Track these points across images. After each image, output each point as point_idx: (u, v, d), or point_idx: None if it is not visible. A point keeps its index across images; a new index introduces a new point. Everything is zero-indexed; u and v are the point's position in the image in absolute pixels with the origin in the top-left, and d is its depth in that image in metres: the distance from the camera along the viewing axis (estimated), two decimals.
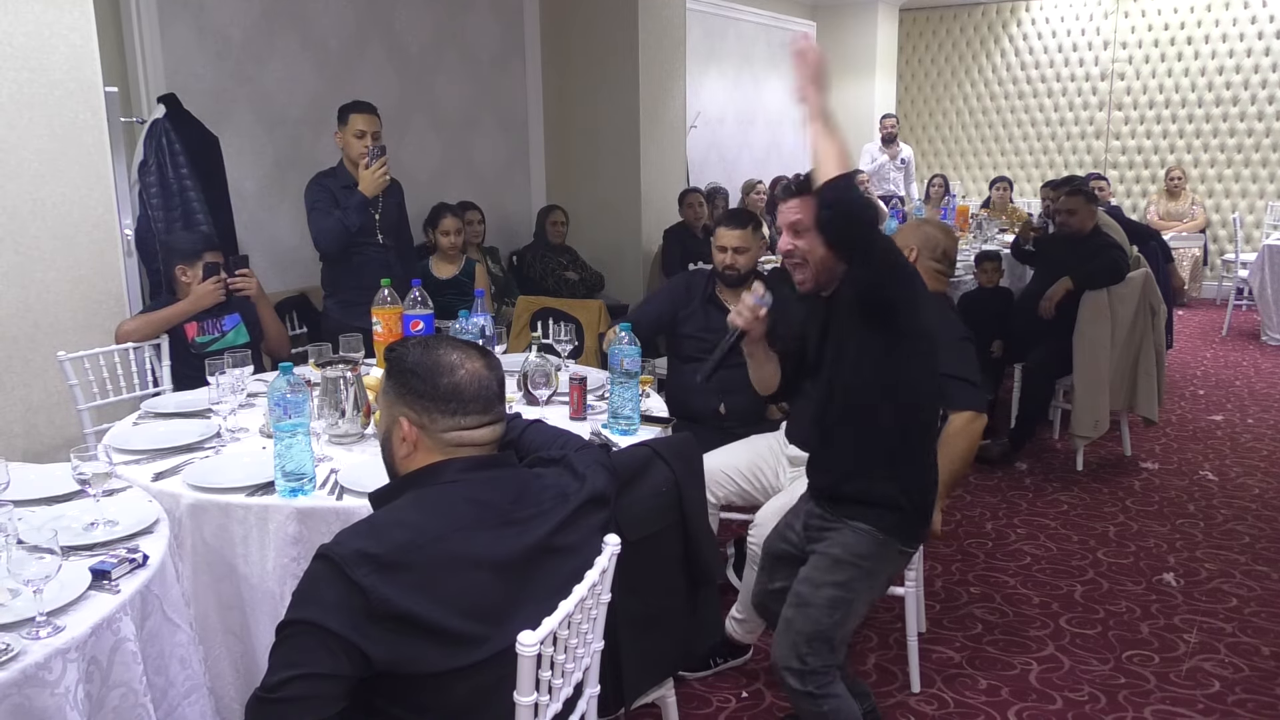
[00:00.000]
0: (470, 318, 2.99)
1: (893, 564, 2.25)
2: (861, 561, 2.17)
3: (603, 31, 5.97)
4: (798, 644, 2.16)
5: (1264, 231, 8.40)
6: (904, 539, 2.22)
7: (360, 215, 3.56)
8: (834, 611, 2.17)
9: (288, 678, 1.39)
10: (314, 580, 1.44)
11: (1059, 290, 4.39)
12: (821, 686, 2.17)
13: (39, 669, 1.43)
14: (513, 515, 1.57)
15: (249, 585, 2.06)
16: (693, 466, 2.07)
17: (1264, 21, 8.49)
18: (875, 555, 2.18)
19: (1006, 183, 8.04)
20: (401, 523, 1.49)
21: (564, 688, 1.61)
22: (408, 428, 1.58)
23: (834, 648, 2.18)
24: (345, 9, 5.00)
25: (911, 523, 2.21)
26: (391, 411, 1.61)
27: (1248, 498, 4.21)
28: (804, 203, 2.12)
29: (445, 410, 1.57)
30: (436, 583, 1.45)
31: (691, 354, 3.34)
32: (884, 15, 9.39)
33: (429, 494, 1.55)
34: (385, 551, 1.43)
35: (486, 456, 1.61)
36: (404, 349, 1.63)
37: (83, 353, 3.08)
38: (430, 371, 1.58)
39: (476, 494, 1.55)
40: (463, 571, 1.48)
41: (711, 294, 3.39)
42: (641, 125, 5.98)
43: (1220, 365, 6.58)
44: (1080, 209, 4.59)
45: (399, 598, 1.41)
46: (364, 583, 1.39)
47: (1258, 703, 2.72)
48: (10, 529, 1.64)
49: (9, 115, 3.00)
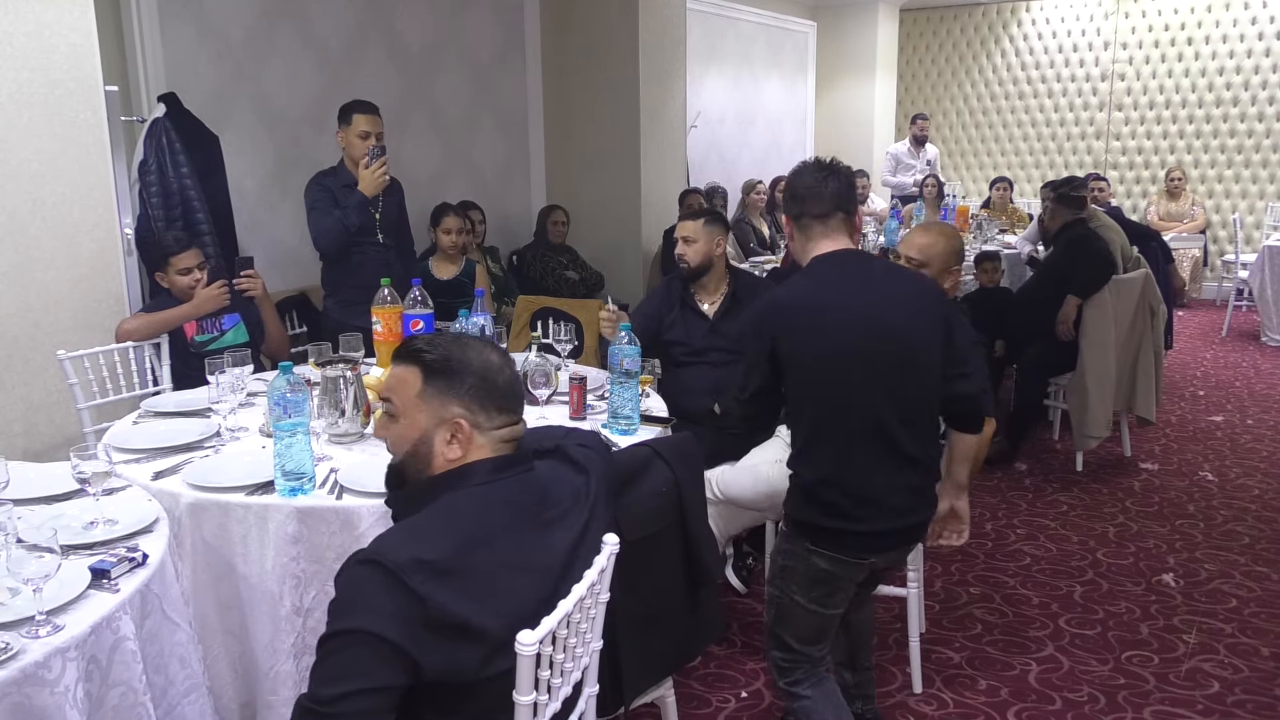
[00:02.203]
0: (470, 317, 2.99)
1: (806, 563, 2.11)
2: (779, 558, 2.20)
3: (603, 31, 5.97)
4: (768, 640, 2.24)
5: (1264, 232, 8.40)
6: (811, 539, 2.11)
7: (360, 215, 3.56)
8: (770, 608, 2.22)
9: (346, 692, 1.34)
10: (362, 587, 1.38)
11: (1070, 310, 4.35)
12: (791, 684, 2.19)
13: (38, 668, 1.43)
14: (543, 516, 1.57)
15: (248, 585, 2.06)
16: (693, 466, 2.07)
17: (1264, 22, 8.49)
18: (788, 551, 2.17)
19: (1006, 183, 8.03)
20: (449, 526, 1.46)
21: (563, 687, 1.61)
22: (466, 427, 1.55)
23: (788, 645, 2.18)
24: (345, 9, 5.00)
25: (804, 523, 2.12)
26: (438, 412, 1.56)
27: (1247, 499, 4.20)
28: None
29: (501, 407, 1.57)
30: (487, 587, 1.43)
31: (679, 358, 3.34)
32: (884, 15, 9.39)
33: (465, 496, 1.52)
34: (440, 557, 1.40)
35: (511, 455, 1.60)
36: (438, 348, 1.58)
37: (83, 352, 3.08)
38: (484, 369, 1.57)
39: (510, 495, 1.55)
40: (511, 575, 1.47)
41: (685, 295, 3.39)
42: (641, 125, 5.97)
43: (1220, 366, 6.58)
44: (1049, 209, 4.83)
45: (455, 605, 1.38)
46: (421, 590, 1.36)
47: (1257, 703, 2.72)
48: (10, 528, 1.64)
49: (9, 115, 3.00)
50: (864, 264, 2.20)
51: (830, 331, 2.07)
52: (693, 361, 3.34)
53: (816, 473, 2.10)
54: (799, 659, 2.19)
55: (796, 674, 2.19)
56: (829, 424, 2.09)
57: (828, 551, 2.11)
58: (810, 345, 2.08)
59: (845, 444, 2.08)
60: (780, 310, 2.15)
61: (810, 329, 2.09)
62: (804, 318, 2.10)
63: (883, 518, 2.09)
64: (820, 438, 2.11)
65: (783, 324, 2.11)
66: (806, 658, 2.19)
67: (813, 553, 2.11)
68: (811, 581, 2.14)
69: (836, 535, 2.10)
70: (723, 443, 3.17)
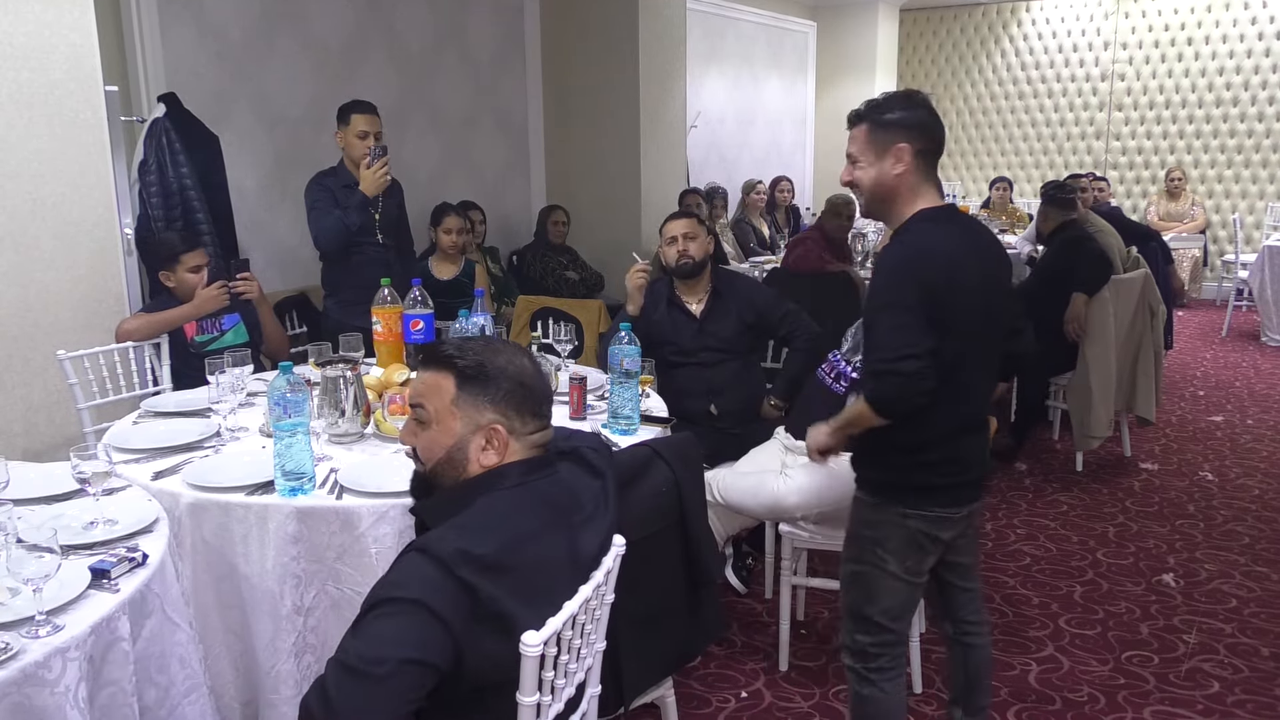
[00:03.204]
0: (470, 317, 2.99)
1: (900, 529, 2.07)
2: (864, 531, 2.13)
3: (603, 31, 5.97)
4: (845, 622, 2.18)
5: (1264, 232, 8.40)
6: (908, 502, 2.06)
7: (360, 214, 3.56)
8: (853, 587, 2.15)
9: (393, 656, 1.30)
10: (417, 570, 1.37)
11: (1079, 308, 4.33)
12: (872, 671, 2.13)
13: (38, 668, 1.43)
14: (573, 518, 1.58)
15: (249, 584, 2.06)
16: (693, 466, 2.07)
17: (1264, 22, 8.49)
18: (875, 523, 2.10)
19: (1006, 183, 8.04)
20: (492, 525, 1.46)
21: (566, 688, 1.61)
22: (504, 434, 1.55)
23: (877, 625, 2.12)
24: (345, 9, 4.99)
25: (899, 486, 2.08)
26: (475, 419, 1.55)
27: (1247, 499, 4.20)
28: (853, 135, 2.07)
29: (535, 412, 1.58)
30: (531, 585, 1.44)
31: (669, 358, 3.34)
32: (884, 15, 9.39)
33: (504, 497, 1.52)
34: (488, 552, 1.40)
35: (540, 458, 1.60)
36: (470, 354, 1.57)
37: (83, 352, 3.08)
38: (519, 375, 1.57)
39: (545, 496, 1.55)
40: (552, 574, 1.48)
41: (671, 295, 3.39)
42: (641, 125, 5.97)
43: (1220, 366, 6.58)
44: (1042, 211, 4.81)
45: (504, 599, 1.38)
46: (471, 580, 1.35)
47: (1257, 703, 2.72)
48: (10, 528, 1.64)
49: (9, 115, 2.99)
50: (966, 217, 2.16)
51: (968, 286, 1.98)
52: (684, 363, 3.34)
53: (925, 433, 2.02)
54: (887, 640, 2.13)
55: (882, 660, 2.13)
56: (948, 382, 1.96)
57: (925, 511, 2.06)
58: (954, 301, 1.95)
59: (958, 402, 2.02)
60: (932, 259, 1.96)
61: (956, 284, 1.96)
62: (953, 272, 1.96)
63: (972, 468, 2.10)
64: (939, 396, 1.96)
65: (937, 275, 1.94)
66: (895, 637, 2.14)
67: (908, 516, 2.07)
68: (906, 547, 2.08)
69: (933, 491, 2.06)
70: (721, 443, 3.17)
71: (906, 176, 2.02)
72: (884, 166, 2.03)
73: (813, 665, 2.93)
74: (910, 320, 1.92)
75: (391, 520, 2.02)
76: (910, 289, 1.94)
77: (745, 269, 5.85)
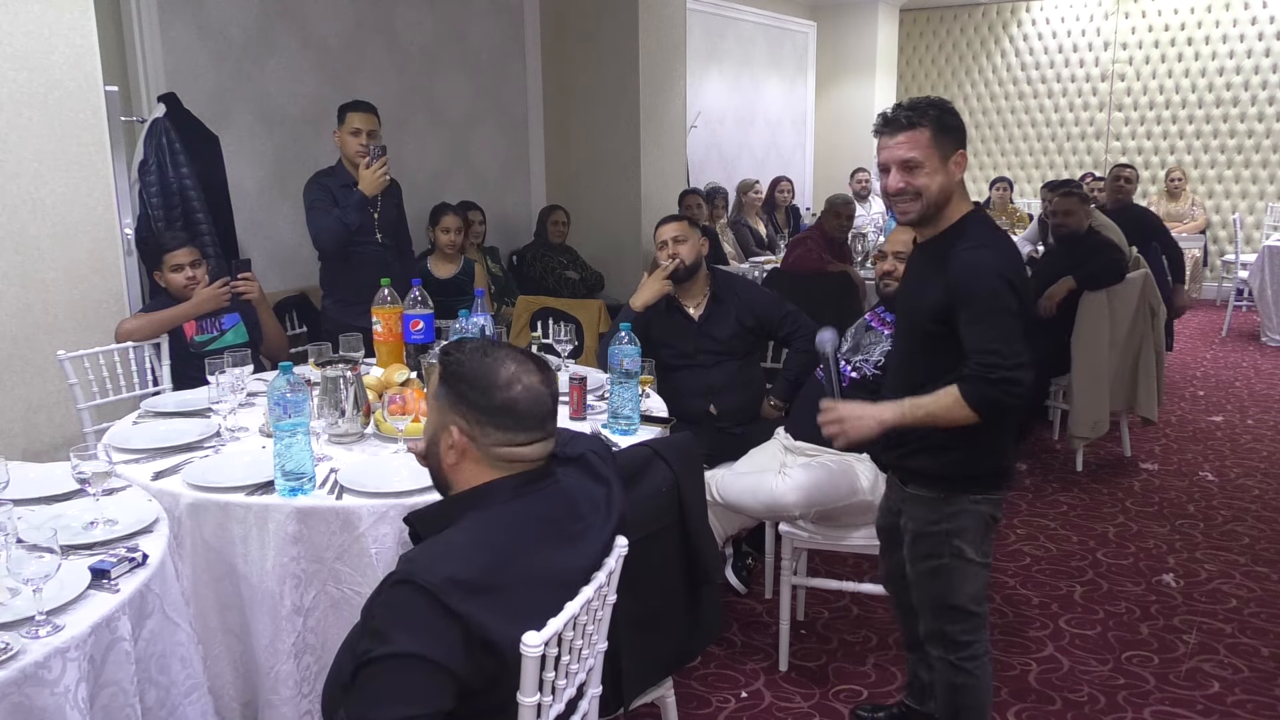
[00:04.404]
0: (470, 317, 2.99)
1: (974, 518, 2.13)
2: (940, 524, 2.15)
3: (603, 31, 5.97)
4: (930, 619, 2.22)
5: (1264, 232, 8.40)
6: (978, 490, 2.12)
7: (359, 214, 3.56)
8: (935, 583, 2.19)
9: (400, 717, 1.34)
10: (405, 610, 1.38)
11: (1061, 289, 4.36)
12: (968, 659, 2.19)
13: (38, 668, 1.43)
14: (570, 530, 1.57)
15: (249, 585, 2.06)
16: (693, 466, 2.07)
17: (1264, 22, 8.49)
18: (950, 514, 2.14)
19: (1006, 183, 8.04)
20: (480, 543, 1.46)
21: (567, 689, 1.61)
22: (458, 436, 1.54)
23: (967, 612, 2.17)
24: (345, 9, 5.00)
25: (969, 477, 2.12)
26: (442, 417, 1.57)
27: (1247, 499, 4.20)
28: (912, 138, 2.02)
29: (498, 425, 1.54)
30: (520, 603, 1.43)
31: (668, 361, 3.34)
32: (884, 15, 9.39)
33: (494, 515, 1.51)
34: (474, 575, 1.40)
35: (535, 471, 1.58)
36: (461, 354, 1.58)
37: (83, 352, 3.08)
38: (487, 384, 1.53)
39: (538, 510, 1.54)
40: (542, 590, 1.47)
41: (671, 299, 3.39)
42: (641, 125, 5.97)
43: (1220, 366, 6.59)
44: (1076, 209, 4.59)
45: (492, 623, 1.38)
46: (460, 609, 1.36)
47: (1257, 703, 2.72)
48: (10, 528, 1.64)
49: (9, 115, 2.99)
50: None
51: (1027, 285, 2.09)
52: (683, 365, 3.34)
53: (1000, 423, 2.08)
54: (977, 623, 2.19)
55: (975, 645, 2.19)
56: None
57: (993, 494, 2.15)
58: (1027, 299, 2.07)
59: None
60: (1019, 264, 2.07)
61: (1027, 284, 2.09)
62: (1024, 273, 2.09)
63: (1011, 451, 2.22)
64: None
65: (1021, 278, 2.05)
66: (982, 619, 2.21)
67: (979, 503, 2.13)
68: (983, 532, 2.16)
69: (1000, 475, 2.16)
70: (721, 443, 3.17)
71: (961, 183, 2.08)
72: (950, 172, 2.04)
73: (813, 665, 2.93)
74: (1018, 328, 1.98)
75: (391, 520, 2.03)
76: (1011, 295, 1.98)
77: (745, 269, 5.85)
